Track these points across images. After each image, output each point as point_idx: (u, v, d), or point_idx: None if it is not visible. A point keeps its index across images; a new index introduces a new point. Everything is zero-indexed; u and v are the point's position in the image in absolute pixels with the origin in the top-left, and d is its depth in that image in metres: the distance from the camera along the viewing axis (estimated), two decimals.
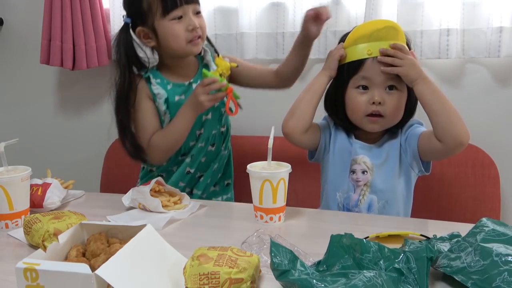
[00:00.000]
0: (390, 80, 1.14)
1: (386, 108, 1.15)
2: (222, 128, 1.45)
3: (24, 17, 2.01)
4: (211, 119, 1.40)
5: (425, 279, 0.73)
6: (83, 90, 2.00)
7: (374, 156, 1.20)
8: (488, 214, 1.43)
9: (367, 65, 1.14)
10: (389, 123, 1.18)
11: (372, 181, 1.19)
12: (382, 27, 1.14)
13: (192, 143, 1.40)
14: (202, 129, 1.40)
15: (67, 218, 0.99)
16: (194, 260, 0.73)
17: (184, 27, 1.28)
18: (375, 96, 1.14)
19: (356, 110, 1.17)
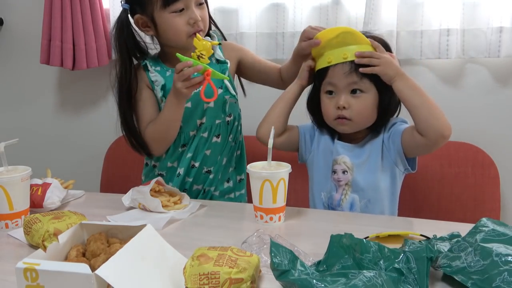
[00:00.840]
0: (353, 84, 1.15)
1: (352, 112, 1.15)
2: (228, 118, 1.37)
3: (24, 17, 2.01)
4: (214, 107, 1.33)
5: (425, 279, 0.73)
6: (83, 90, 2.00)
7: (355, 155, 1.21)
8: (488, 214, 1.43)
9: (330, 71, 1.16)
10: (359, 125, 1.19)
11: (353, 180, 1.20)
12: (337, 34, 1.15)
13: (193, 133, 1.34)
14: (204, 118, 1.33)
15: (67, 218, 0.99)
16: (194, 260, 0.73)
17: (185, 21, 1.24)
18: (340, 101, 1.15)
19: (326, 114, 1.21)
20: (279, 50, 1.68)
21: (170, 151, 1.38)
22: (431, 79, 1.60)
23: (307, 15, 1.63)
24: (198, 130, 1.34)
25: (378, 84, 1.15)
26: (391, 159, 1.19)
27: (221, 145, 1.38)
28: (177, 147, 1.38)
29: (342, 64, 1.14)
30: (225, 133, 1.38)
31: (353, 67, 1.13)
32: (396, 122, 1.21)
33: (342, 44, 1.14)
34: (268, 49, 1.70)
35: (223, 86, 1.34)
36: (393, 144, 1.18)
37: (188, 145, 1.37)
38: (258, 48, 1.70)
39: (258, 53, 1.70)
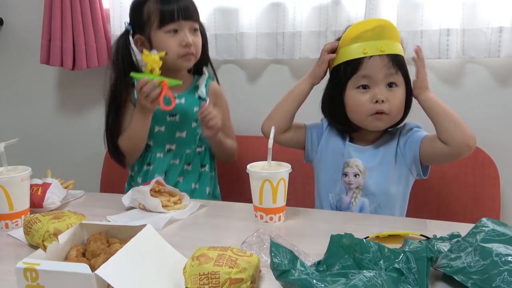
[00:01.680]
0: (390, 76, 1.14)
1: (390, 106, 1.15)
2: (199, 148, 1.46)
3: (24, 17, 2.01)
4: (185, 137, 1.42)
5: (425, 279, 0.73)
6: (83, 90, 2.00)
7: (367, 159, 1.20)
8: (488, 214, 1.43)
9: (366, 64, 1.14)
10: (393, 120, 1.18)
11: (364, 184, 1.19)
12: (373, 27, 1.15)
13: (159, 155, 1.42)
14: (174, 145, 1.42)
15: (67, 218, 0.99)
16: (194, 260, 0.73)
17: (177, 42, 1.32)
18: (378, 94, 1.14)
19: (358, 111, 1.17)
20: (279, 50, 1.68)
21: (137, 168, 1.45)
22: (431, 79, 1.58)
23: (307, 15, 1.63)
24: (165, 155, 1.42)
25: (407, 78, 1.17)
26: (405, 164, 1.19)
27: (192, 173, 1.45)
28: (142, 164, 1.44)
29: (380, 56, 1.13)
30: (196, 162, 1.45)
31: (391, 60, 1.13)
32: (413, 128, 1.21)
33: (378, 37, 1.14)
34: (268, 49, 1.70)
35: (197, 120, 1.40)
36: (409, 150, 1.18)
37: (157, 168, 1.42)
38: (258, 48, 1.70)
39: (258, 53, 1.70)
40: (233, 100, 1.57)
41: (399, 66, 1.15)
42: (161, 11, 1.30)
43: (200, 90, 1.42)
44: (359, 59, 1.14)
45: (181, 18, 1.30)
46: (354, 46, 1.15)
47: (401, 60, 1.17)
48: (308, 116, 1.29)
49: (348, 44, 1.16)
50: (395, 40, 1.17)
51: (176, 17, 1.30)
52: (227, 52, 1.73)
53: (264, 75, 1.76)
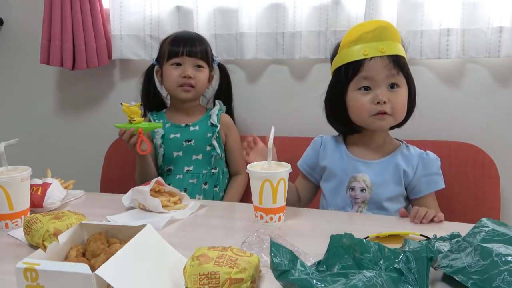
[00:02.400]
0: (392, 77, 1.14)
1: (393, 106, 1.15)
2: (214, 170, 1.59)
3: (24, 17, 2.01)
4: (201, 159, 1.57)
5: (425, 279, 0.73)
6: (83, 90, 2.00)
7: (375, 174, 1.21)
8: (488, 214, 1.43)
9: (367, 65, 1.14)
10: (396, 120, 1.19)
11: (370, 199, 1.20)
12: (374, 28, 1.15)
13: (179, 176, 1.56)
14: (192, 167, 1.57)
15: (67, 218, 0.99)
16: (194, 260, 0.73)
17: (178, 73, 1.51)
18: (379, 95, 1.14)
19: (360, 112, 1.17)
20: (279, 50, 1.68)
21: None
22: (431, 79, 1.60)
23: (307, 15, 1.63)
24: (184, 175, 1.56)
25: (409, 79, 1.16)
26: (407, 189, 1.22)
27: (208, 192, 1.58)
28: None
29: (381, 58, 1.13)
30: (211, 183, 1.58)
31: (391, 61, 1.13)
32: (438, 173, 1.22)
33: (378, 39, 1.14)
34: (268, 49, 1.70)
35: (211, 145, 1.57)
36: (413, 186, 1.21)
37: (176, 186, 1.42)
38: (258, 48, 1.70)
39: (258, 53, 1.70)
40: (234, 100, 1.57)
41: (400, 67, 1.15)
42: (170, 48, 1.52)
43: (212, 119, 1.58)
44: (360, 61, 1.14)
45: (185, 54, 1.50)
46: (354, 48, 1.15)
47: (402, 61, 1.16)
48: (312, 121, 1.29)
49: (348, 46, 1.17)
50: (396, 41, 1.17)
51: (180, 53, 1.50)
52: (227, 52, 1.73)
53: (264, 75, 1.76)
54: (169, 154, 1.57)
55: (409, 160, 1.22)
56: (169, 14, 1.77)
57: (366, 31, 1.14)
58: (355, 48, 1.15)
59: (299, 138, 1.58)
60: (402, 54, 1.17)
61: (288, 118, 1.71)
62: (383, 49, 1.13)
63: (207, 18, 1.71)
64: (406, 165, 1.21)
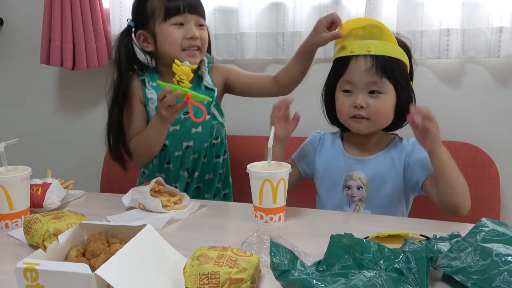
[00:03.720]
0: (373, 84, 1.14)
1: (370, 111, 1.14)
2: (215, 141, 1.44)
3: (24, 17, 2.01)
4: (202, 132, 1.39)
5: (425, 279, 0.73)
6: (83, 90, 2.00)
7: (371, 171, 1.20)
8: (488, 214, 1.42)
9: (350, 69, 1.15)
10: (376, 125, 1.18)
11: (367, 197, 1.20)
12: (364, 25, 1.14)
13: (178, 153, 1.40)
14: (191, 142, 1.39)
15: (67, 218, 0.99)
16: (194, 260, 0.73)
17: (182, 34, 1.30)
18: (357, 100, 1.14)
19: (341, 112, 1.19)
20: (279, 50, 1.68)
21: (156, 164, 1.43)
22: (431, 79, 1.60)
23: (307, 15, 1.63)
24: (184, 152, 1.40)
25: (397, 85, 1.14)
26: (408, 185, 1.20)
27: (207, 164, 1.44)
28: (162, 162, 1.43)
29: (365, 61, 1.12)
30: (211, 154, 1.44)
31: (375, 64, 1.11)
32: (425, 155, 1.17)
33: (368, 37, 1.13)
34: (268, 49, 1.70)
35: (211, 113, 1.39)
36: (411, 174, 1.18)
37: (176, 164, 1.41)
38: (258, 48, 1.70)
39: (258, 53, 1.70)
40: (233, 100, 1.57)
41: (386, 72, 1.12)
42: (167, 5, 1.29)
43: (205, 80, 1.38)
44: (346, 63, 1.15)
45: (187, 11, 1.29)
46: (344, 44, 1.16)
47: (392, 66, 1.13)
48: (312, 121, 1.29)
49: (340, 42, 1.18)
50: (387, 40, 1.14)
51: (182, 10, 1.29)
52: (227, 52, 1.73)
53: None
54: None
55: (402, 150, 1.21)
56: None
57: (356, 27, 1.14)
58: (344, 44, 1.16)
59: (299, 138, 1.57)
60: (395, 55, 1.14)
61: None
62: (370, 48, 1.12)
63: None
64: (400, 156, 1.20)
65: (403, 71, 1.16)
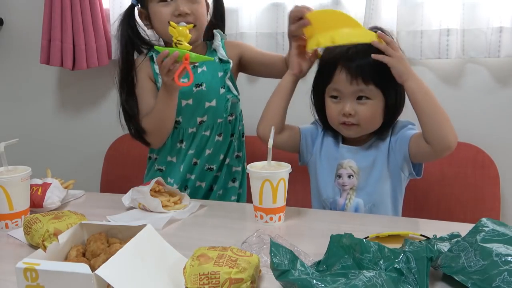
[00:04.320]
0: (360, 91, 1.13)
1: (359, 118, 1.14)
2: (230, 117, 1.37)
3: (24, 17, 2.01)
4: (216, 106, 1.33)
5: (425, 279, 0.73)
6: (83, 90, 2.00)
7: (361, 159, 1.20)
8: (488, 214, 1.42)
9: (336, 77, 1.14)
10: (365, 130, 1.18)
11: (358, 185, 1.19)
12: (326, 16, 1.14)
13: (192, 130, 1.34)
14: (205, 116, 1.33)
15: (67, 218, 0.99)
16: (194, 260, 0.74)
17: (170, 11, 1.24)
18: (346, 108, 1.14)
19: (331, 119, 1.19)
20: (279, 50, 1.68)
21: (168, 145, 1.38)
22: (431, 79, 1.60)
23: None
24: (198, 128, 1.35)
25: (384, 88, 1.13)
26: (396, 163, 1.18)
27: (223, 143, 1.39)
28: (175, 142, 1.38)
29: (348, 71, 1.11)
30: (227, 132, 1.38)
31: (357, 72, 1.10)
32: (405, 126, 1.19)
33: (333, 27, 1.11)
34: (268, 49, 1.69)
35: (225, 86, 1.35)
36: (400, 148, 1.17)
37: (188, 142, 1.37)
38: (258, 48, 1.69)
39: None
40: None
41: (371, 79, 1.11)
42: None
43: (219, 53, 1.34)
44: (332, 70, 1.14)
45: None
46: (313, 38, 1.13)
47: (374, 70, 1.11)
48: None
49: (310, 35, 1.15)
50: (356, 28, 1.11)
51: None
52: None
53: None
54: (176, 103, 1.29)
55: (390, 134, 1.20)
56: None
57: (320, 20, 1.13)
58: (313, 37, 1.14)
59: None
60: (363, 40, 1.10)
61: (288, 118, 1.71)
62: (334, 39, 1.10)
63: None
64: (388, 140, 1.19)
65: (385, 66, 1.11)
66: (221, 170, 1.42)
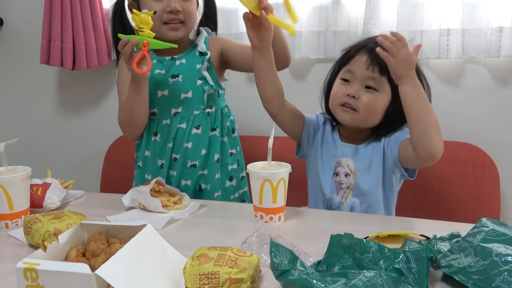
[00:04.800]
0: (371, 80, 1.14)
1: (360, 104, 1.14)
2: (209, 109, 1.35)
3: (24, 17, 2.01)
4: (192, 98, 1.32)
5: (425, 279, 0.73)
6: (83, 90, 2.00)
7: (358, 159, 1.20)
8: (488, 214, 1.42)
9: (354, 60, 1.16)
10: (361, 119, 1.17)
11: (355, 184, 1.20)
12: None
13: (166, 121, 1.33)
14: (180, 108, 1.32)
15: (67, 218, 0.99)
16: (194, 260, 0.74)
17: (162, 7, 1.24)
18: (350, 89, 1.15)
19: (333, 98, 1.20)
20: None
21: (144, 138, 1.38)
22: (431, 79, 1.59)
23: (307, 15, 1.63)
24: (172, 120, 1.33)
25: (395, 87, 1.12)
26: (388, 166, 1.19)
27: (202, 137, 1.35)
28: (149, 135, 1.37)
29: (367, 57, 1.13)
30: (206, 125, 1.35)
31: (378, 59, 1.10)
32: (401, 129, 1.20)
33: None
34: None
35: (202, 77, 1.33)
36: (391, 151, 1.18)
37: (164, 135, 1.35)
38: None
39: None
40: (233, 100, 1.57)
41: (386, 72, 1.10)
42: None
43: (199, 46, 1.34)
44: (353, 55, 1.16)
45: None
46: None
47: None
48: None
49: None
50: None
51: None
52: None
53: None
54: (152, 94, 1.29)
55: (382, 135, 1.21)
56: None
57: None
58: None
59: None
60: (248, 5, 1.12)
61: None
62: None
63: None
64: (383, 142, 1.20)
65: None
66: (207, 167, 1.37)
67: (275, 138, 1.09)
